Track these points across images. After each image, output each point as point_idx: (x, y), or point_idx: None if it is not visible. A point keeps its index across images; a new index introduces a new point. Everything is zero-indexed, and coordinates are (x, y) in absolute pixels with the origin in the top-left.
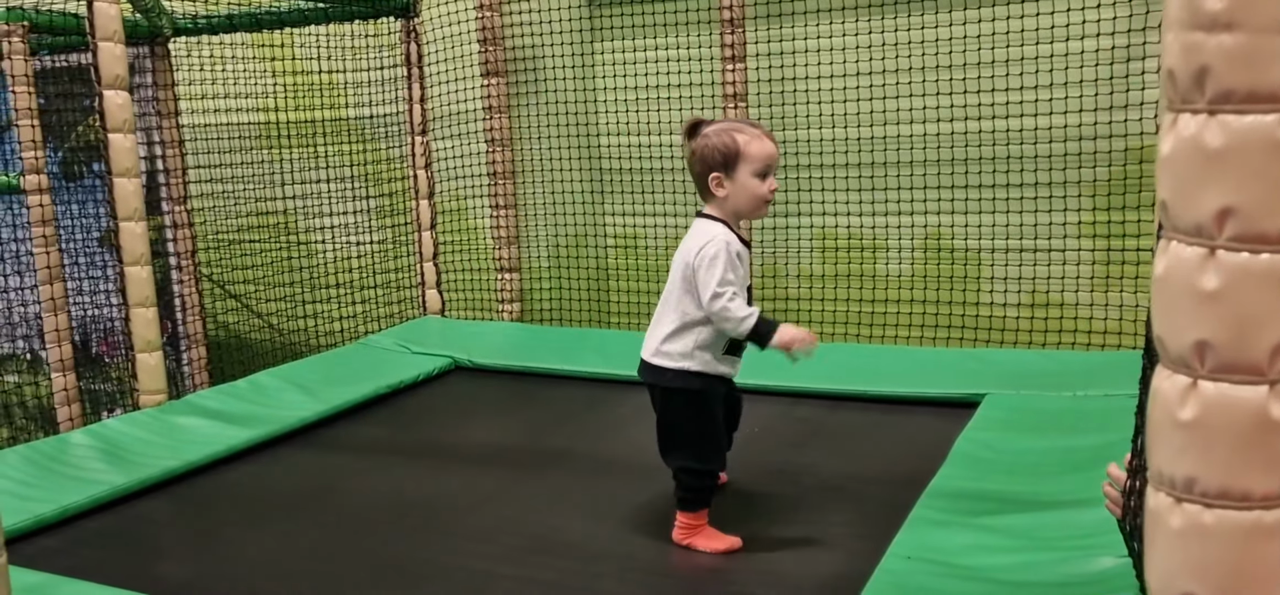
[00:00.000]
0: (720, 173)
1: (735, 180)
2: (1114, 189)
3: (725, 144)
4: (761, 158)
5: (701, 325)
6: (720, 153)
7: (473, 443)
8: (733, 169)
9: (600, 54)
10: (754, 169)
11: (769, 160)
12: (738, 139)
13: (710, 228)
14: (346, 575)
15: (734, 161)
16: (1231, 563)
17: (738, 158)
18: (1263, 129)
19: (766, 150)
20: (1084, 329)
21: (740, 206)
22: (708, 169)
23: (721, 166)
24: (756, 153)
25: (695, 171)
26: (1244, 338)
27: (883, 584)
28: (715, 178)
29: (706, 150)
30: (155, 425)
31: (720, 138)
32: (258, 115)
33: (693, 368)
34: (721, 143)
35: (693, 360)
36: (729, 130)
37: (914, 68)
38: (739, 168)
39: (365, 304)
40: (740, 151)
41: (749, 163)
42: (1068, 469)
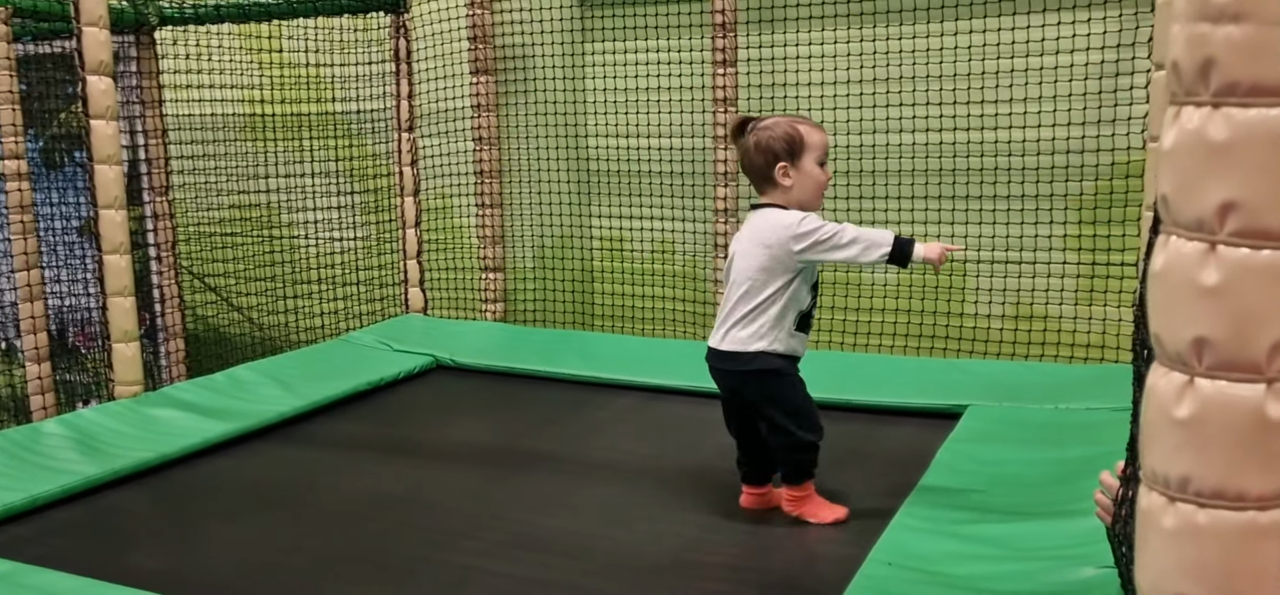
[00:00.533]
0: (786, 162)
1: (800, 168)
2: (1099, 203)
3: (787, 133)
4: (820, 145)
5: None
6: (784, 142)
7: (454, 441)
8: (798, 157)
9: (590, 55)
10: (816, 156)
11: (825, 148)
12: (799, 128)
13: (779, 213)
14: (323, 570)
15: (799, 150)
16: (1225, 564)
17: (801, 145)
18: (1268, 122)
19: (822, 139)
20: (1068, 342)
21: (805, 194)
22: (773, 159)
23: (787, 156)
24: (817, 141)
25: (756, 165)
26: (1243, 335)
27: (862, 589)
28: (782, 167)
29: (769, 141)
30: (130, 416)
31: (781, 128)
32: (243, 107)
33: (772, 348)
34: (783, 132)
35: (768, 339)
36: (787, 121)
37: (903, 77)
38: (804, 156)
39: (347, 301)
40: (803, 139)
41: (811, 150)
42: (1049, 480)
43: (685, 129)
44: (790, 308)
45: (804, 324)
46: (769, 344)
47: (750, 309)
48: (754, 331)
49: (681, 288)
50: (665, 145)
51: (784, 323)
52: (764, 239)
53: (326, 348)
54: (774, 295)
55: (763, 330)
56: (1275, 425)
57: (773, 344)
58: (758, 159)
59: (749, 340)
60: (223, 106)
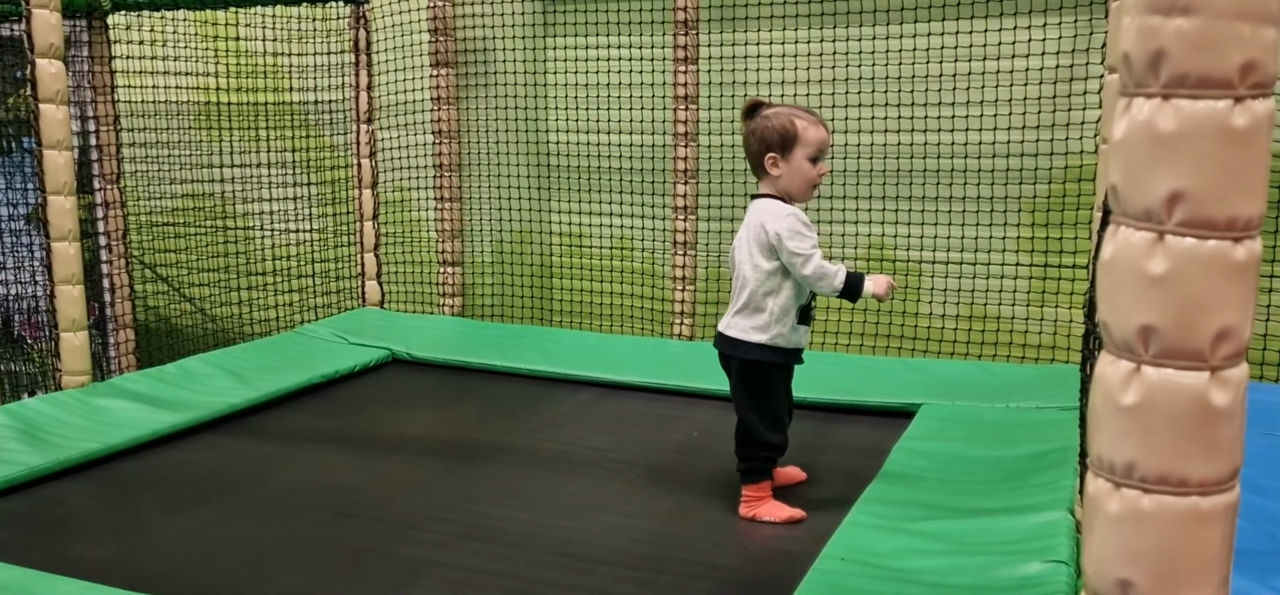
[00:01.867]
0: (776, 153)
1: (790, 161)
2: (1052, 206)
3: (783, 126)
4: (815, 142)
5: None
6: (778, 133)
7: (408, 434)
8: (789, 150)
9: (552, 50)
10: (808, 152)
11: (822, 145)
12: (795, 122)
13: (772, 205)
14: (271, 560)
15: (791, 143)
16: (1168, 549)
17: (794, 139)
18: (1215, 114)
19: (820, 136)
20: (1019, 342)
21: (792, 187)
22: (764, 148)
23: (778, 147)
24: (812, 137)
25: (751, 150)
26: (1188, 323)
27: (816, 584)
28: (771, 157)
29: (764, 130)
30: (77, 406)
31: (778, 120)
32: (197, 96)
33: (770, 341)
34: (779, 124)
35: (770, 332)
36: (788, 113)
37: (862, 78)
38: (795, 150)
39: (302, 293)
40: (797, 134)
41: (804, 146)
42: (999, 478)
43: (646, 126)
44: (791, 301)
45: (805, 316)
46: (770, 337)
47: (751, 302)
48: (756, 323)
49: (640, 284)
50: (626, 142)
51: (787, 318)
52: (757, 236)
53: (280, 340)
54: (773, 289)
55: (766, 323)
56: (1218, 412)
57: (774, 338)
58: (752, 145)
59: (751, 330)
60: (177, 94)
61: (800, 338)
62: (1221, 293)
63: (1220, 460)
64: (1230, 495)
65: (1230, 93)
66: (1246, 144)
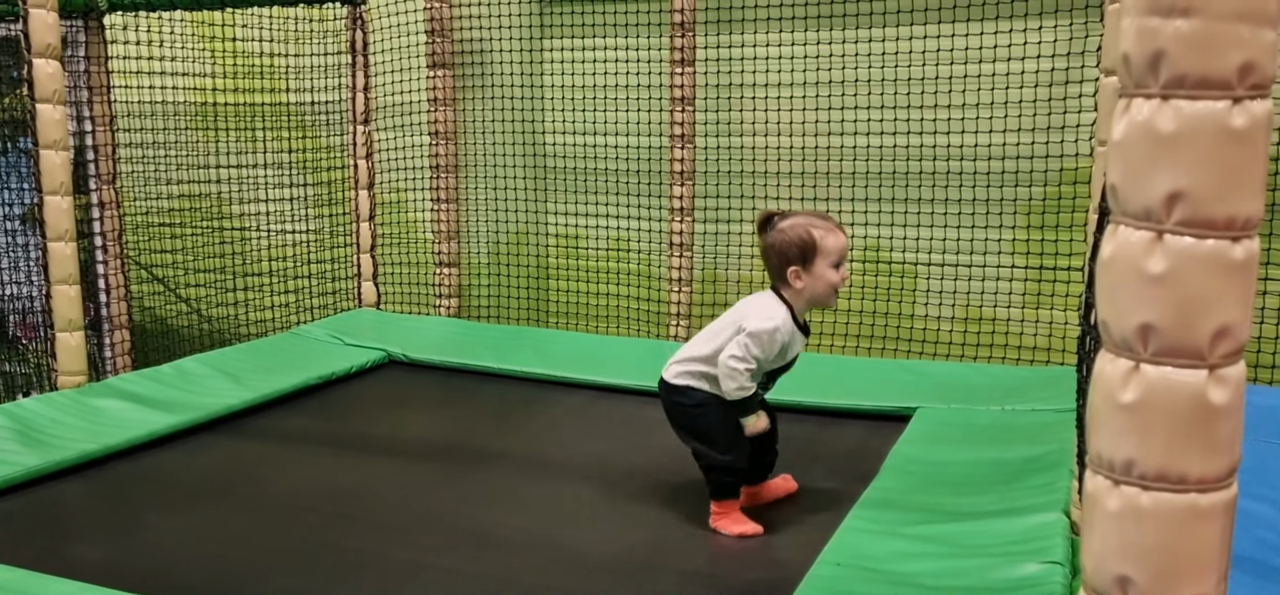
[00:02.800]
0: (798, 266)
1: (812, 272)
2: (1047, 208)
3: (802, 238)
4: (836, 250)
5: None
6: (797, 247)
7: (405, 436)
8: (810, 262)
9: (549, 51)
10: (830, 261)
11: (842, 252)
12: (814, 233)
13: (777, 309)
14: (268, 562)
15: (811, 255)
16: (1167, 546)
17: (815, 251)
18: (1214, 115)
19: (840, 243)
20: (1015, 344)
21: (815, 295)
22: (785, 262)
23: (799, 260)
24: (832, 246)
25: (771, 263)
26: (1187, 322)
27: (812, 589)
28: (793, 270)
29: (783, 244)
30: (73, 407)
31: (795, 232)
32: (194, 96)
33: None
34: (798, 236)
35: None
36: (804, 223)
37: (859, 80)
38: (816, 261)
39: (298, 294)
40: (817, 245)
41: (825, 256)
42: (995, 481)
43: (642, 128)
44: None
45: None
46: (696, 384)
47: (699, 357)
48: (687, 372)
49: (636, 286)
50: (622, 143)
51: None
52: (742, 313)
53: (276, 341)
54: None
55: (696, 375)
56: (1216, 410)
57: (701, 385)
58: (772, 258)
59: (679, 375)
60: (173, 94)
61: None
62: (1220, 291)
63: (1219, 457)
64: (1228, 492)
65: (1229, 93)
66: (1245, 144)
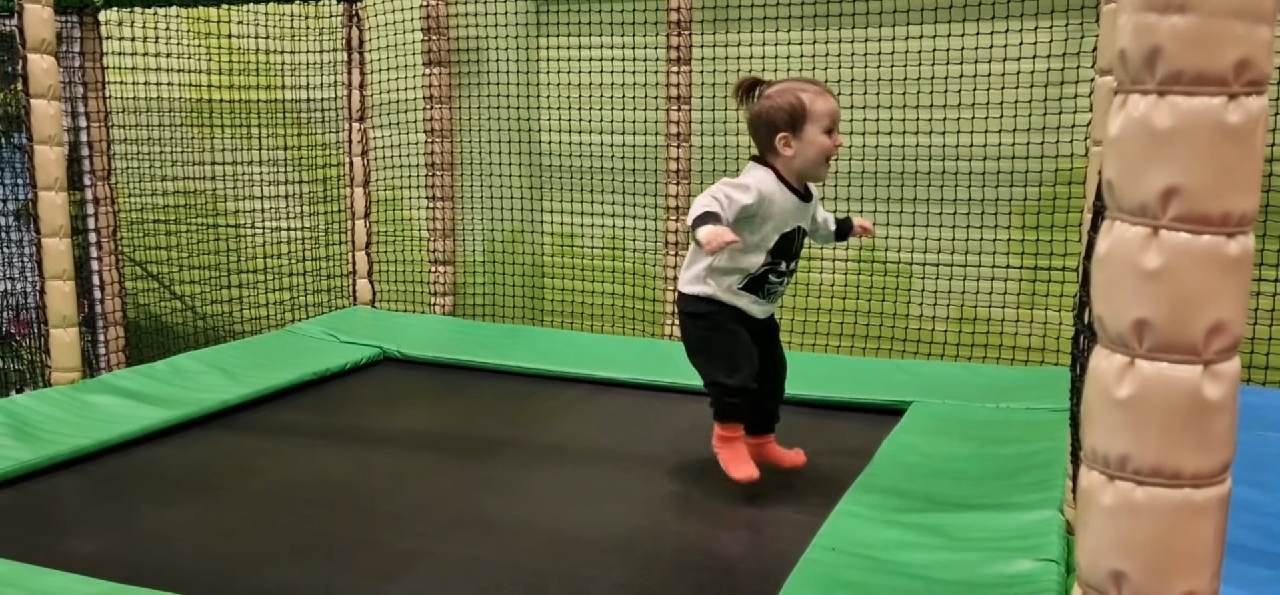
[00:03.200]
0: (787, 132)
1: (803, 137)
2: (1042, 209)
3: (791, 103)
4: (827, 114)
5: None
6: (786, 112)
7: (399, 430)
8: (800, 127)
9: (545, 49)
10: (823, 125)
11: (834, 116)
12: (803, 97)
13: (755, 171)
14: (264, 553)
15: (801, 120)
16: (1161, 541)
17: (805, 115)
18: (1210, 111)
19: (831, 107)
20: (1009, 344)
21: (806, 165)
22: (774, 130)
23: (788, 126)
24: (822, 109)
25: (759, 134)
26: (1182, 317)
27: (806, 573)
28: (782, 138)
29: (771, 111)
30: (67, 402)
31: (784, 97)
32: (189, 92)
33: (704, 292)
34: (787, 102)
35: (706, 285)
36: (793, 89)
37: (855, 80)
38: (806, 126)
39: (292, 291)
40: (807, 109)
41: (815, 120)
42: (990, 475)
43: (638, 126)
44: (730, 265)
45: (755, 286)
46: (701, 290)
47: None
48: (691, 274)
49: (632, 285)
50: (618, 142)
51: (725, 280)
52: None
53: (271, 338)
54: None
55: (699, 275)
56: (1211, 405)
57: (705, 290)
58: (760, 128)
59: (686, 281)
60: (168, 90)
61: (745, 303)
62: (1215, 287)
63: (1213, 453)
64: (1222, 487)
65: (1225, 90)
66: (1240, 141)
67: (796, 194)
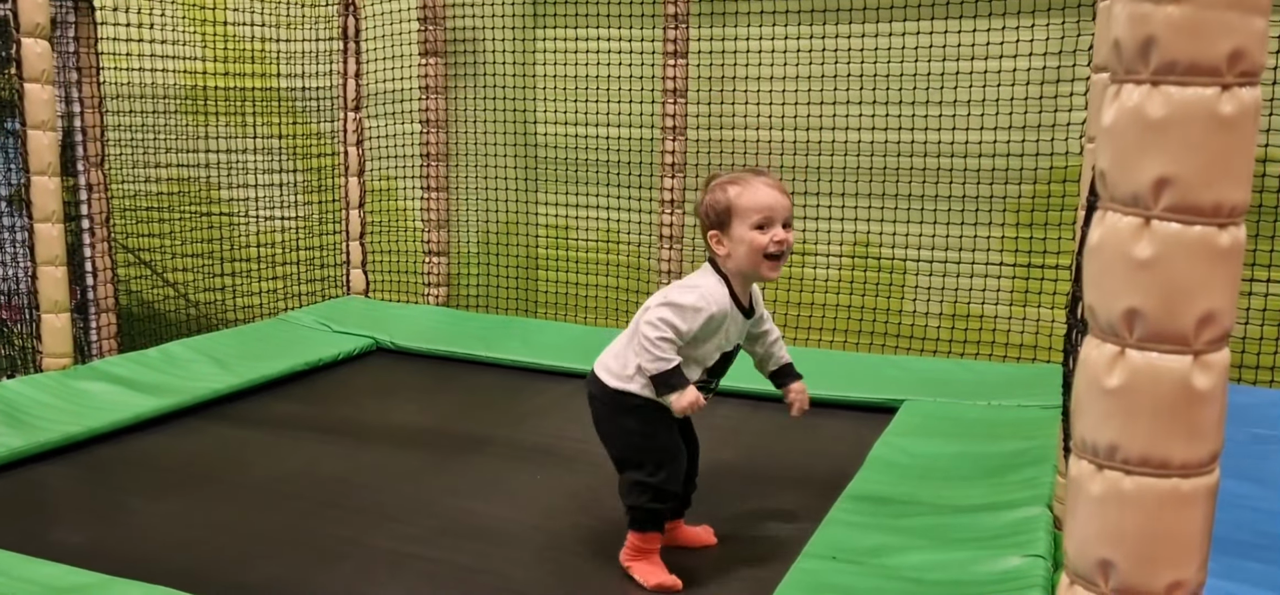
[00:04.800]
0: (717, 231)
1: (732, 236)
2: (1036, 206)
3: (715, 200)
4: (755, 207)
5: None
6: (713, 211)
7: (391, 423)
8: (727, 226)
9: (541, 41)
10: (751, 222)
11: (767, 210)
12: (729, 192)
13: (705, 279)
14: (251, 548)
15: (727, 218)
16: (1148, 530)
17: (729, 213)
18: (1203, 101)
19: (761, 200)
20: (1001, 341)
21: (741, 263)
22: (706, 228)
23: (717, 224)
24: (748, 203)
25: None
26: (1173, 307)
27: (798, 581)
28: (713, 236)
29: (703, 210)
30: (58, 389)
31: (712, 193)
32: (184, 79)
33: (636, 390)
34: (712, 199)
35: (634, 383)
36: (723, 183)
37: (851, 75)
38: (733, 223)
39: (285, 280)
40: (731, 205)
41: (743, 217)
42: (980, 474)
43: (634, 119)
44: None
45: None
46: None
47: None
48: (619, 370)
49: (626, 278)
50: (614, 135)
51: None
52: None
53: (263, 326)
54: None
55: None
56: (1200, 395)
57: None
58: (702, 225)
59: (613, 376)
60: (163, 77)
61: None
62: (1206, 278)
63: (1201, 443)
64: (1210, 478)
65: (1218, 80)
66: (1233, 131)
67: (741, 308)
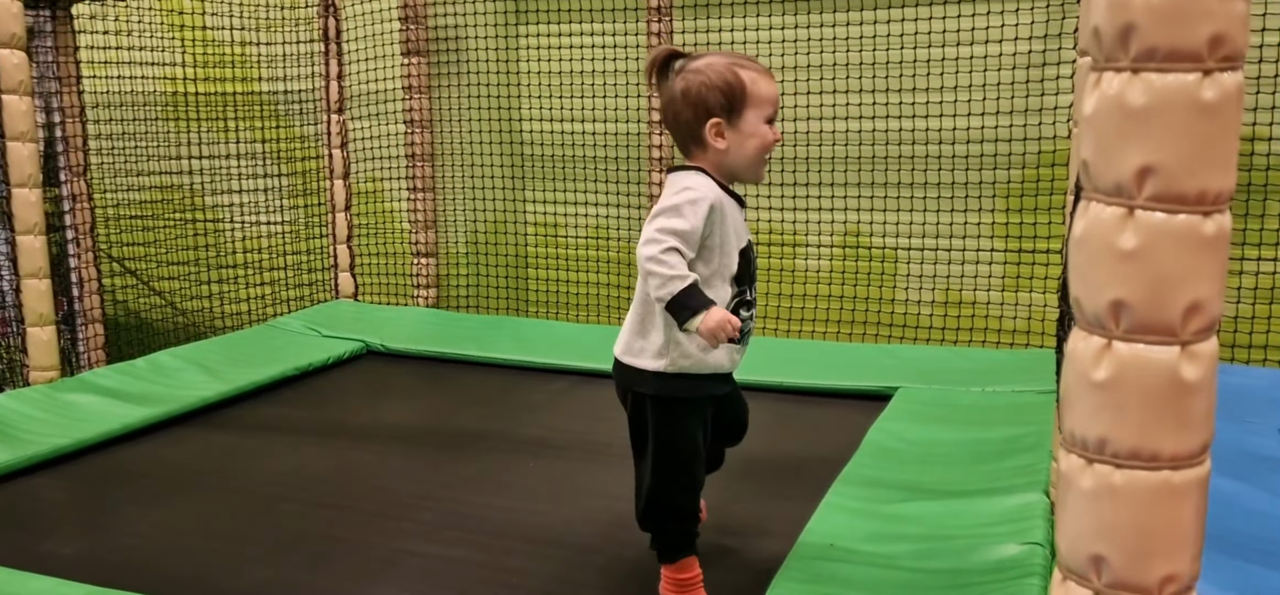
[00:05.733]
0: (721, 119)
1: (740, 128)
2: (1026, 191)
3: (728, 81)
4: (770, 99)
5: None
6: (722, 92)
7: (383, 425)
8: (738, 114)
9: (524, 38)
10: (765, 113)
11: (776, 102)
12: (742, 75)
13: (687, 177)
14: (245, 553)
15: (741, 103)
16: (1140, 524)
17: (744, 98)
18: (1185, 87)
19: (773, 91)
20: (995, 327)
21: (741, 162)
22: (705, 114)
23: (723, 110)
24: (765, 92)
25: (682, 118)
26: (1159, 298)
27: (795, 569)
28: (714, 125)
29: (703, 89)
30: (45, 402)
31: (719, 74)
32: (164, 86)
33: (674, 368)
34: (722, 80)
35: (669, 357)
36: (729, 65)
37: (837, 64)
38: (746, 112)
39: (273, 286)
40: (748, 90)
41: (758, 106)
42: (975, 460)
43: (620, 114)
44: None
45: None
46: (663, 363)
47: (644, 312)
48: (648, 345)
49: (616, 274)
50: (600, 130)
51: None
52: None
53: (252, 333)
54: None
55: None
56: (1189, 386)
57: (675, 363)
58: (684, 112)
59: (639, 354)
60: (144, 84)
61: (718, 357)
62: (1192, 267)
63: (1191, 434)
64: (1201, 469)
65: (1199, 66)
66: (1216, 117)
67: (737, 200)
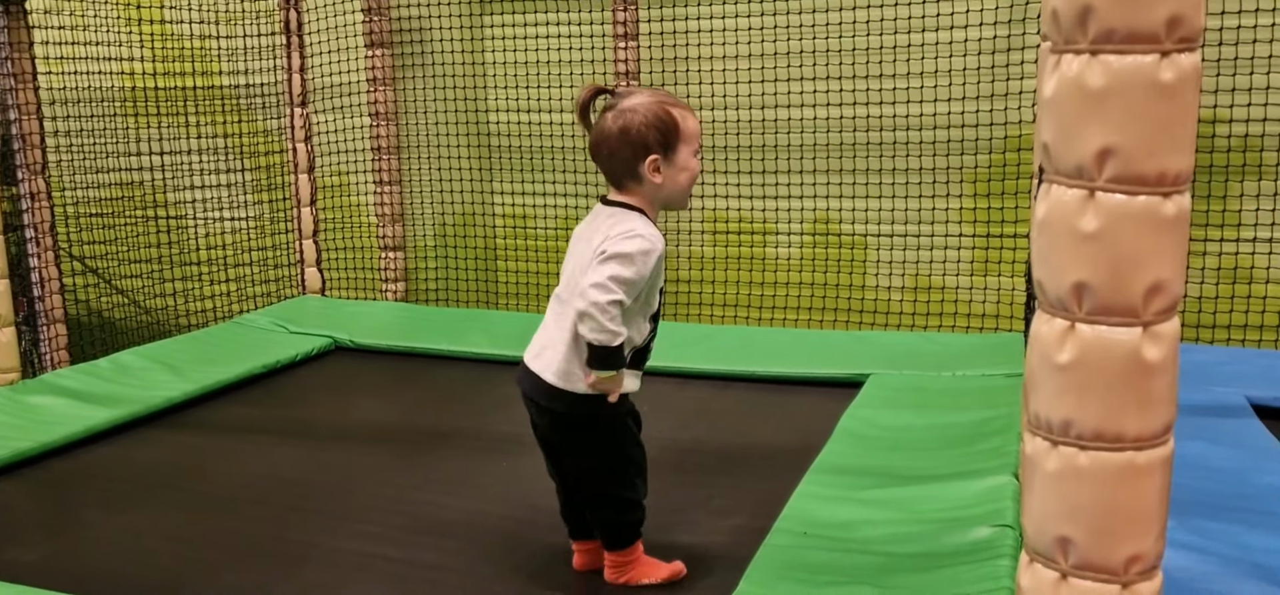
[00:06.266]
0: (658, 155)
1: (674, 163)
2: (993, 176)
3: (662, 120)
4: (697, 134)
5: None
6: (658, 131)
7: (352, 423)
8: (672, 150)
9: (489, 28)
10: (693, 148)
11: (700, 137)
12: (674, 114)
13: (632, 220)
14: (212, 557)
15: (675, 141)
16: (1105, 504)
17: (678, 136)
18: (1143, 69)
19: (698, 126)
20: (964, 312)
21: (675, 194)
22: (643, 151)
23: (661, 147)
24: (693, 128)
25: (620, 155)
26: (1120, 280)
27: (769, 558)
28: (652, 161)
29: (642, 128)
30: (6, 405)
31: (655, 114)
32: (123, 80)
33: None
34: (658, 119)
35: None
36: (661, 103)
37: (804, 51)
38: (680, 147)
39: (238, 282)
40: (680, 128)
41: (688, 141)
42: (946, 444)
43: None
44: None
45: (638, 359)
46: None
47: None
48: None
49: None
50: (568, 120)
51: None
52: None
53: (218, 331)
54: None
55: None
56: (1151, 367)
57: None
58: (623, 149)
59: (568, 376)
60: (101, 80)
61: (633, 383)
62: (1152, 248)
63: (1155, 414)
64: (1165, 448)
65: (1157, 47)
66: (1174, 98)
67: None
